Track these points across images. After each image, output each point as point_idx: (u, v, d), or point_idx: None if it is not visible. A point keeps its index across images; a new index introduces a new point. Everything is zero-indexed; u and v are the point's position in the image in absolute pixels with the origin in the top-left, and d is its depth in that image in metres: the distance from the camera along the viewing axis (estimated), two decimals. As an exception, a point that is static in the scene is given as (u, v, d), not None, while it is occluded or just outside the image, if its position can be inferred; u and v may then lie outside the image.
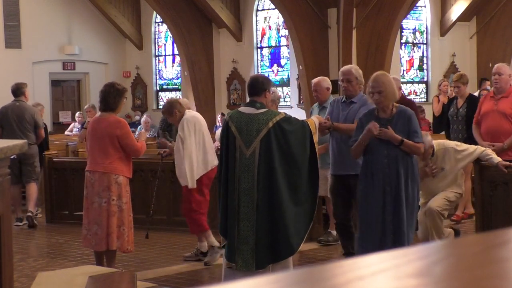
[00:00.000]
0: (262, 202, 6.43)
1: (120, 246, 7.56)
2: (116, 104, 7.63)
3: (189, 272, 7.96)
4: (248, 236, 6.48)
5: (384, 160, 6.62)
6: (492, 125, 8.69)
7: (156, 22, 23.81)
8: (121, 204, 7.51)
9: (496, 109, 8.70)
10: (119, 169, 7.53)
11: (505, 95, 8.73)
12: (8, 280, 4.16)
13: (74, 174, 11.15)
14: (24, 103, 11.48)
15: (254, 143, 6.48)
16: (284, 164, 6.47)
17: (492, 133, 8.65)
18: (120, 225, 7.51)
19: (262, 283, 1.17)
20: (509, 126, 8.63)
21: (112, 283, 6.33)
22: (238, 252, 6.52)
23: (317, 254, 8.64)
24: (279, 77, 21.63)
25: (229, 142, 6.61)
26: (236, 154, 6.54)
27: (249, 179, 6.48)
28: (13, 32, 21.67)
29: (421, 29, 21.94)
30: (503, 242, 1.38)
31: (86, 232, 7.60)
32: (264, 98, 6.66)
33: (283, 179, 6.45)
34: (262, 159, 6.45)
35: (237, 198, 6.51)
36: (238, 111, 6.72)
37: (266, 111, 6.56)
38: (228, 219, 6.59)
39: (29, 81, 21.84)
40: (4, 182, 4.18)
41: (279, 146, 6.45)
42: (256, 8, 21.75)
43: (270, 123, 6.47)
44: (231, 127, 6.58)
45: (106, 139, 7.52)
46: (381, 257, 1.28)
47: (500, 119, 8.67)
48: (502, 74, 8.75)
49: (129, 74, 24.22)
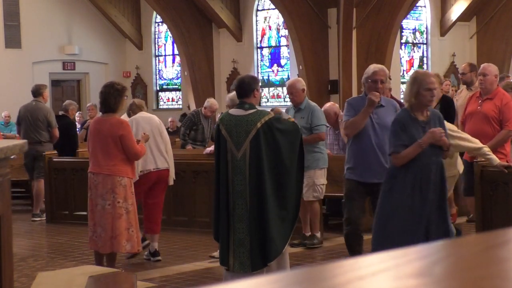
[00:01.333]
0: (253, 203, 6.43)
1: (130, 249, 7.55)
2: (117, 104, 7.61)
3: (189, 272, 7.96)
4: (244, 238, 6.48)
5: (433, 167, 6.16)
6: (474, 127, 8.37)
7: (156, 22, 23.81)
8: (127, 206, 7.48)
9: (480, 110, 8.41)
10: (123, 171, 7.49)
11: (490, 97, 8.40)
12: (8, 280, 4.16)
13: (74, 174, 11.15)
14: (40, 103, 12.10)
15: (244, 144, 6.47)
16: (273, 165, 6.45)
17: (474, 135, 8.14)
18: (129, 227, 7.47)
19: (262, 283, 1.17)
20: (491, 129, 8.31)
21: (112, 283, 6.33)
22: (235, 254, 6.51)
23: (317, 254, 8.64)
24: (279, 77, 21.62)
25: (221, 145, 6.61)
26: (228, 157, 6.53)
27: (242, 181, 6.47)
28: (13, 32, 21.67)
29: (421, 29, 21.95)
30: (503, 242, 1.38)
31: (92, 233, 7.57)
32: (254, 98, 6.65)
33: (270, 179, 6.44)
34: (253, 160, 6.45)
35: (232, 200, 6.50)
36: (228, 114, 6.73)
37: (255, 112, 6.55)
38: (221, 222, 6.58)
39: (29, 81, 21.88)
40: (4, 182, 4.18)
41: (268, 145, 6.44)
42: (256, 8, 21.75)
43: (258, 124, 6.45)
44: (221, 130, 6.59)
45: (109, 140, 7.47)
46: (381, 257, 1.28)
47: (482, 121, 8.38)
48: (487, 74, 8.45)
49: (129, 74, 24.22)
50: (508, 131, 8.33)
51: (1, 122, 18.87)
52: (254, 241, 6.44)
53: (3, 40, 21.52)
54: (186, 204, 10.30)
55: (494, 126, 8.34)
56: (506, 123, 8.32)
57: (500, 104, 8.35)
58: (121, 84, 7.86)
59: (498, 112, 8.35)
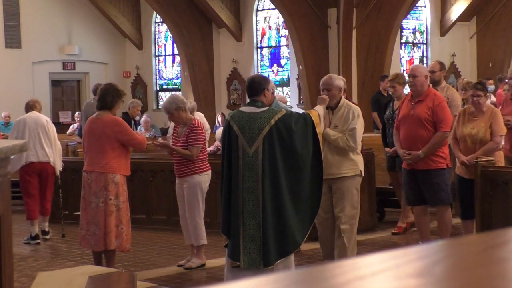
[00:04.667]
0: (267, 199, 6.46)
1: (118, 245, 7.55)
2: (113, 103, 7.65)
3: (189, 272, 7.96)
4: (255, 234, 6.50)
5: None
6: (409, 131, 8.04)
7: (156, 22, 23.82)
8: (118, 203, 7.52)
9: (413, 114, 8.02)
10: (115, 168, 7.53)
11: (421, 99, 7.99)
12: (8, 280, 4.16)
13: (74, 174, 11.14)
14: None
15: (256, 141, 6.51)
16: (287, 160, 6.51)
17: (409, 139, 8.02)
18: (118, 224, 7.51)
19: (262, 283, 1.17)
20: (426, 132, 7.94)
21: (112, 283, 6.33)
22: (245, 250, 6.53)
23: (317, 254, 8.64)
24: (279, 77, 21.63)
25: (231, 141, 6.63)
26: (239, 153, 6.56)
27: (253, 177, 6.51)
28: (13, 32, 21.67)
29: (421, 29, 21.95)
30: (503, 242, 1.38)
31: (85, 232, 7.60)
32: (264, 97, 6.68)
33: (286, 175, 6.49)
34: (266, 157, 6.48)
35: (241, 196, 6.53)
36: (239, 111, 6.76)
37: (267, 109, 6.60)
38: (232, 218, 6.60)
39: (29, 81, 21.91)
40: (4, 182, 4.18)
41: (281, 142, 6.49)
42: (256, 8, 21.75)
43: (272, 121, 6.51)
44: (233, 127, 6.61)
45: (103, 138, 7.52)
46: (381, 257, 1.28)
47: (417, 125, 7.97)
48: (417, 76, 7.97)
49: (129, 74, 24.23)
50: (443, 133, 7.95)
51: (1, 122, 18.86)
52: (267, 236, 6.46)
53: (3, 40, 21.53)
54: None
55: (429, 129, 7.95)
56: (441, 124, 7.91)
57: (432, 105, 7.93)
58: (122, 89, 7.94)
59: (431, 114, 7.95)
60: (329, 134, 7.34)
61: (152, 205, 10.79)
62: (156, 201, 10.78)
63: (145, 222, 10.59)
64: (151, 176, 10.78)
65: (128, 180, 7.89)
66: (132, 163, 7.97)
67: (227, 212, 6.67)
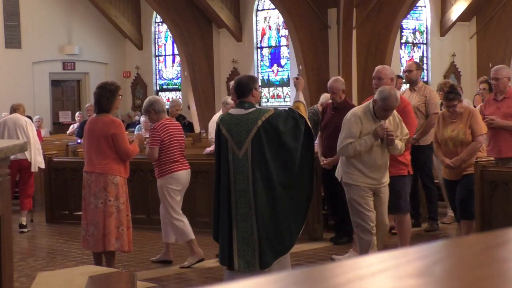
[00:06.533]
0: (259, 201, 6.44)
1: (119, 247, 7.55)
2: (110, 105, 7.63)
3: (189, 272, 7.96)
4: (248, 237, 6.48)
5: None
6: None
7: (156, 22, 23.82)
8: (118, 204, 7.51)
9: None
10: (115, 169, 7.52)
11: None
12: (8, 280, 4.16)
13: (74, 174, 11.14)
14: None
15: (245, 143, 6.49)
16: (278, 160, 6.48)
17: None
18: (119, 225, 7.50)
19: (262, 283, 1.17)
20: None
21: (111, 283, 6.33)
22: (239, 253, 6.52)
23: (317, 254, 8.64)
24: (279, 77, 21.63)
25: (222, 145, 6.62)
26: (229, 157, 6.54)
27: (244, 180, 6.48)
28: (13, 32, 21.67)
29: (421, 29, 21.95)
30: (503, 242, 1.38)
31: (85, 233, 7.61)
32: (252, 97, 6.66)
33: (278, 175, 6.47)
34: (255, 159, 6.46)
35: (234, 200, 6.51)
36: (229, 114, 6.75)
37: (254, 110, 6.57)
38: (222, 221, 6.58)
39: (29, 81, 21.90)
40: (4, 182, 4.18)
41: (270, 142, 6.46)
42: (256, 8, 21.75)
43: (259, 122, 6.47)
44: (222, 130, 6.60)
45: (102, 139, 7.52)
46: (381, 257, 1.28)
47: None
48: (382, 78, 7.66)
49: (129, 74, 24.23)
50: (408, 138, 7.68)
51: (1, 122, 18.86)
52: (262, 237, 6.45)
53: (3, 40, 21.53)
54: (186, 204, 10.29)
55: None
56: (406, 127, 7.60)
57: (397, 108, 7.58)
58: (115, 84, 7.82)
59: None
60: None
61: (152, 205, 10.77)
62: (156, 201, 10.75)
63: (145, 222, 10.58)
64: (151, 176, 10.75)
65: (128, 180, 7.89)
66: (132, 163, 7.98)
67: (217, 217, 6.67)
